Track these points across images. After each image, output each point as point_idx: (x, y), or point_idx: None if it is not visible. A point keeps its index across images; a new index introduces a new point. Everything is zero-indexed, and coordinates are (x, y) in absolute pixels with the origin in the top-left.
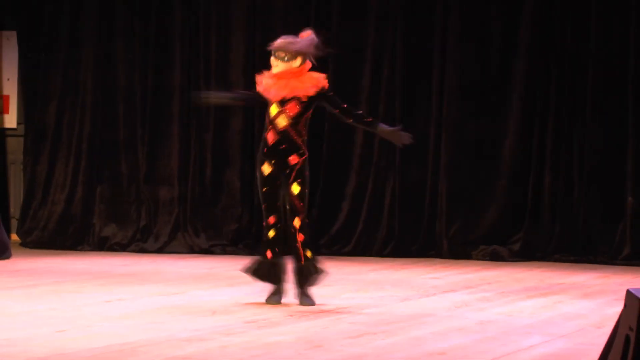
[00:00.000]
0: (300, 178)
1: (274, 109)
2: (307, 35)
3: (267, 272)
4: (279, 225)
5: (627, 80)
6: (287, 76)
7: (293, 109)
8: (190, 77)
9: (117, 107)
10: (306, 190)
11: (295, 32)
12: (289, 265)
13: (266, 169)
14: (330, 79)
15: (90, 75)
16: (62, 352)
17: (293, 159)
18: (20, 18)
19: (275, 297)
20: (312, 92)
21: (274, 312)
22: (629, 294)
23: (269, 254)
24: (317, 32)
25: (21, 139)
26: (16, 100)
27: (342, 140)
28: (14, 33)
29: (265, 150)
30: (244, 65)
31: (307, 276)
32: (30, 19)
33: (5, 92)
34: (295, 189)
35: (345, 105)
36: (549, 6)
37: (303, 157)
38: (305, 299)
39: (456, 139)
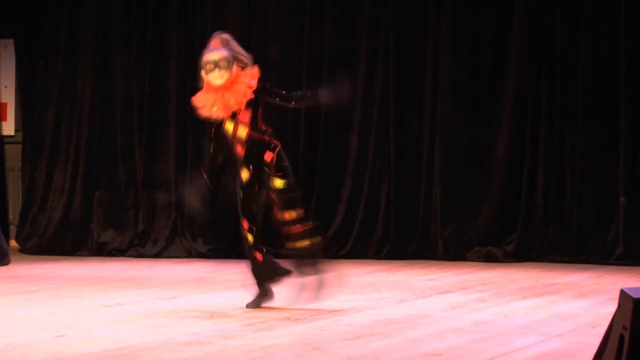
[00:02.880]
0: (279, 172)
1: (229, 126)
2: (220, 40)
3: (266, 272)
4: (254, 228)
5: (618, 82)
6: (229, 85)
7: (245, 115)
8: (187, 84)
9: (115, 114)
10: (291, 180)
11: (291, 39)
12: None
13: (244, 174)
14: (325, 84)
15: (87, 82)
16: (61, 357)
17: (267, 156)
18: (17, 26)
19: (255, 301)
20: (251, 93)
21: (271, 315)
22: (622, 294)
23: (258, 256)
24: (220, 33)
25: (19, 146)
26: (14, 107)
27: (337, 145)
28: (11, 41)
29: (240, 161)
30: None
31: (308, 256)
32: (27, 27)
33: (3, 100)
34: (279, 183)
35: (284, 92)
36: (539, 10)
37: (276, 151)
38: (315, 293)
39: (450, 142)
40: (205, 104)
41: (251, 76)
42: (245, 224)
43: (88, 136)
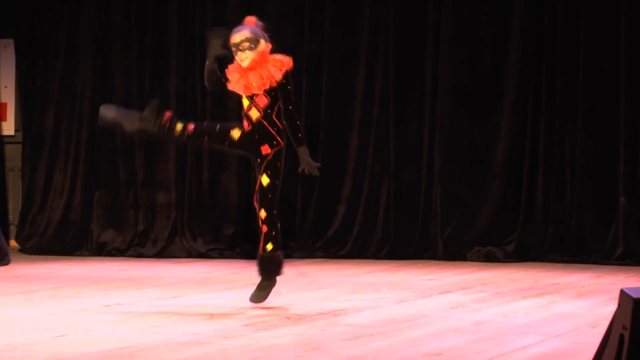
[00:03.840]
0: (270, 169)
1: (245, 101)
2: (253, 21)
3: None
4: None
5: (618, 82)
6: (255, 65)
7: (262, 101)
8: (187, 84)
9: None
10: (277, 182)
11: (290, 40)
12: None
13: (235, 133)
14: (325, 84)
15: (87, 82)
16: (61, 356)
17: (265, 149)
18: (17, 26)
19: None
20: (279, 76)
21: (271, 315)
22: (622, 294)
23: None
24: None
25: (19, 146)
26: (14, 107)
27: (337, 145)
28: (11, 41)
29: (243, 127)
30: None
31: (260, 267)
32: (27, 27)
33: (3, 100)
34: (265, 180)
35: (291, 108)
36: (539, 10)
37: (275, 149)
38: (255, 292)
39: (450, 142)
40: (232, 79)
41: (280, 66)
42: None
43: (88, 136)
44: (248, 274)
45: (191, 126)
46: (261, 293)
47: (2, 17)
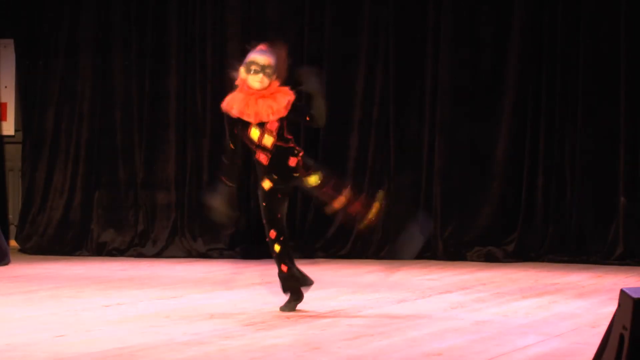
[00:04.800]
0: (309, 169)
1: (254, 132)
2: (269, 45)
3: (290, 282)
4: (281, 238)
5: (618, 82)
6: (265, 94)
7: (273, 125)
8: (187, 84)
9: (115, 114)
10: (323, 172)
11: (291, 39)
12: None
13: (266, 184)
14: (325, 84)
15: (87, 82)
16: (61, 356)
17: (292, 161)
18: (17, 26)
19: (289, 305)
20: (285, 112)
21: (271, 315)
22: (622, 294)
23: (284, 267)
24: (274, 44)
25: (19, 146)
26: (14, 107)
27: (337, 144)
28: (11, 41)
29: (262, 169)
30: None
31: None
32: (27, 27)
33: (3, 100)
34: (312, 179)
35: (309, 119)
36: (539, 10)
37: (300, 154)
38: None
39: (449, 142)
40: (238, 106)
41: (287, 103)
42: (273, 234)
43: (88, 136)
44: (248, 274)
45: (272, 232)
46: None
47: (2, 17)
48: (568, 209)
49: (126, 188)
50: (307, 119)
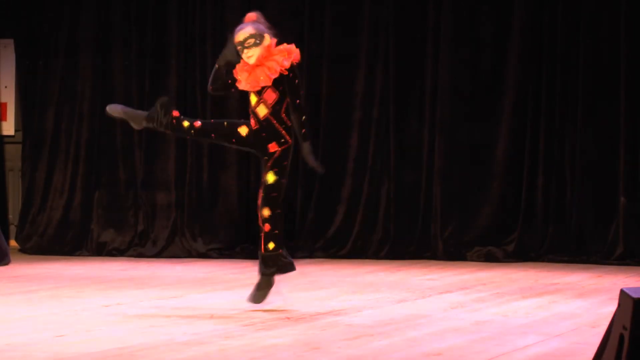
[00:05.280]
0: (277, 167)
1: (253, 98)
2: (254, 16)
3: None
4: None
5: (618, 81)
6: (262, 61)
7: (270, 96)
8: (187, 84)
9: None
10: (282, 181)
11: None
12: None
13: (243, 130)
14: (325, 84)
15: (87, 82)
16: (61, 356)
17: (272, 147)
18: (17, 26)
19: (259, 293)
20: (287, 64)
21: (271, 315)
22: (622, 294)
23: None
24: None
25: (19, 146)
26: (14, 107)
27: (337, 144)
28: (11, 41)
29: (251, 125)
30: None
31: (262, 265)
32: (27, 27)
33: (3, 100)
34: (270, 178)
35: (299, 102)
36: (539, 10)
37: (284, 147)
38: (253, 292)
39: (450, 142)
40: (240, 78)
41: (287, 55)
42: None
43: (88, 136)
44: (248, 274)
45: (198, 123)
46: (259, 293)
47: (2, 17)
48: (568, 209)
49: (126, 188)
50: (289, 97)
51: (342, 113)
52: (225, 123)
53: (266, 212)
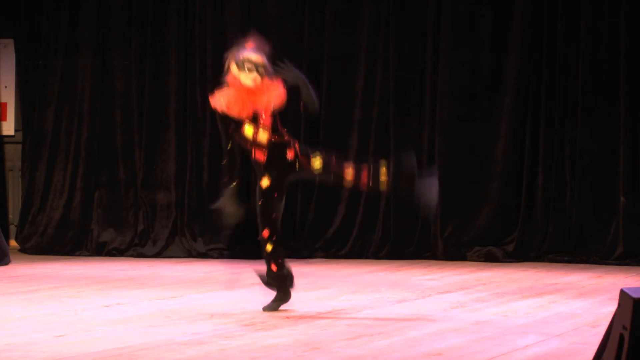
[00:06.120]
0: (308, 155)
1: (248, 130)
2: (257, 44)
3: (276, 282)
4: (274, 238)
5: (618, 81)
6: (259, 92)
7: (267, 119)
8: (187, 83)
9: (114, 114)
10: (322, 153)
11: (290, 40)
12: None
13: (265, 182)
14: (325, 84)
15: (87, 82)
16: (61, 356)
17: (290, 154)
18: (17, 26)
19: (273, 305)
20: (277, 104)
21: (271, 315)
22: (622, 294)
23: (273, 267)
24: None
25: (19, 146)
26: (14, 107)
27: (337, 144)
28: (11, 41)
29: (261, 167)
30: None
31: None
32: (27, 27)
33: (3, 100)
34: (316, 163)
35: (304, 100)
36: (539, 9)
37: (295, 145)
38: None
39: (449, 142)
40: (230, 101)
41: (279, 94)
42: (266, 233)
43: (88, 136)
44: (248, 274)
45: (265, 231)
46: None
47: (2, 17)
48: (568, 209)
49: (126, 188)
50: (301, 105)
51: (342, 113)
52: (273, 215)
53: (349, 174)
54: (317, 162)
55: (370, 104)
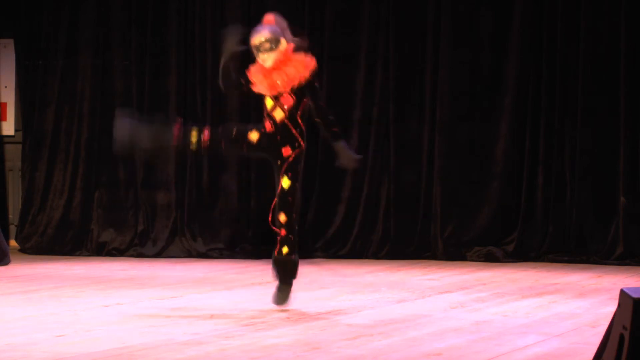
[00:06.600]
0: (291, 172)
1: (269, 102)
2: (272, 19)
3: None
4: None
5: (618, 81)
6: (279, 65)
7: (287, 101)
8: (187, 83)
9: (114, 114)
10: (297, 185)
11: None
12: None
13: (254, 136)
14: (325, 84)
15: (87, 82)
16: (61, 356)
17: (286, 151)
18: (17, 26)
19: (282, 295)
20: (305, 75)
21: (271, 314)
22: (622, 294)
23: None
24: (279, 14)
25: (19, 146)
26: (14, 107)
27: None
28: (11, 41)
29: (262, 130)
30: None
31: (277, 270)
32: (27, 27)
33: (3, 100)
34: (285, 183)
35: (322, 104)
36: (539, 8)
37: (297, 150)
38: (276, 294)
39: (449, 142)
40: (256, 80)
41: (306, 65)
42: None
43: (88, 136)
44: (248, 274)
45: (207, 133)
46: (282, 295)
47: (2, 17)
48: (568, 209)
49: (126, 188)
50: (313, 103)
51: (341, 113)
52: (235, 130)
53: (282, 217)
54: (285, 182)
55: (370, 104)
